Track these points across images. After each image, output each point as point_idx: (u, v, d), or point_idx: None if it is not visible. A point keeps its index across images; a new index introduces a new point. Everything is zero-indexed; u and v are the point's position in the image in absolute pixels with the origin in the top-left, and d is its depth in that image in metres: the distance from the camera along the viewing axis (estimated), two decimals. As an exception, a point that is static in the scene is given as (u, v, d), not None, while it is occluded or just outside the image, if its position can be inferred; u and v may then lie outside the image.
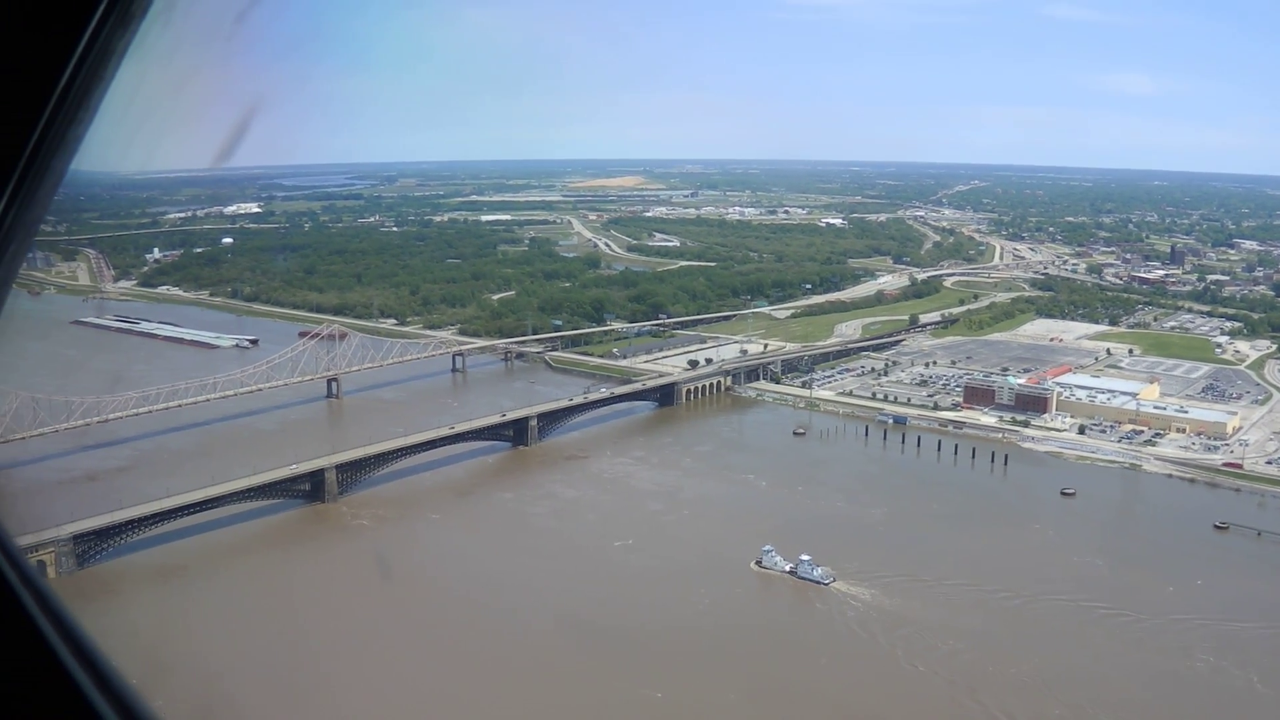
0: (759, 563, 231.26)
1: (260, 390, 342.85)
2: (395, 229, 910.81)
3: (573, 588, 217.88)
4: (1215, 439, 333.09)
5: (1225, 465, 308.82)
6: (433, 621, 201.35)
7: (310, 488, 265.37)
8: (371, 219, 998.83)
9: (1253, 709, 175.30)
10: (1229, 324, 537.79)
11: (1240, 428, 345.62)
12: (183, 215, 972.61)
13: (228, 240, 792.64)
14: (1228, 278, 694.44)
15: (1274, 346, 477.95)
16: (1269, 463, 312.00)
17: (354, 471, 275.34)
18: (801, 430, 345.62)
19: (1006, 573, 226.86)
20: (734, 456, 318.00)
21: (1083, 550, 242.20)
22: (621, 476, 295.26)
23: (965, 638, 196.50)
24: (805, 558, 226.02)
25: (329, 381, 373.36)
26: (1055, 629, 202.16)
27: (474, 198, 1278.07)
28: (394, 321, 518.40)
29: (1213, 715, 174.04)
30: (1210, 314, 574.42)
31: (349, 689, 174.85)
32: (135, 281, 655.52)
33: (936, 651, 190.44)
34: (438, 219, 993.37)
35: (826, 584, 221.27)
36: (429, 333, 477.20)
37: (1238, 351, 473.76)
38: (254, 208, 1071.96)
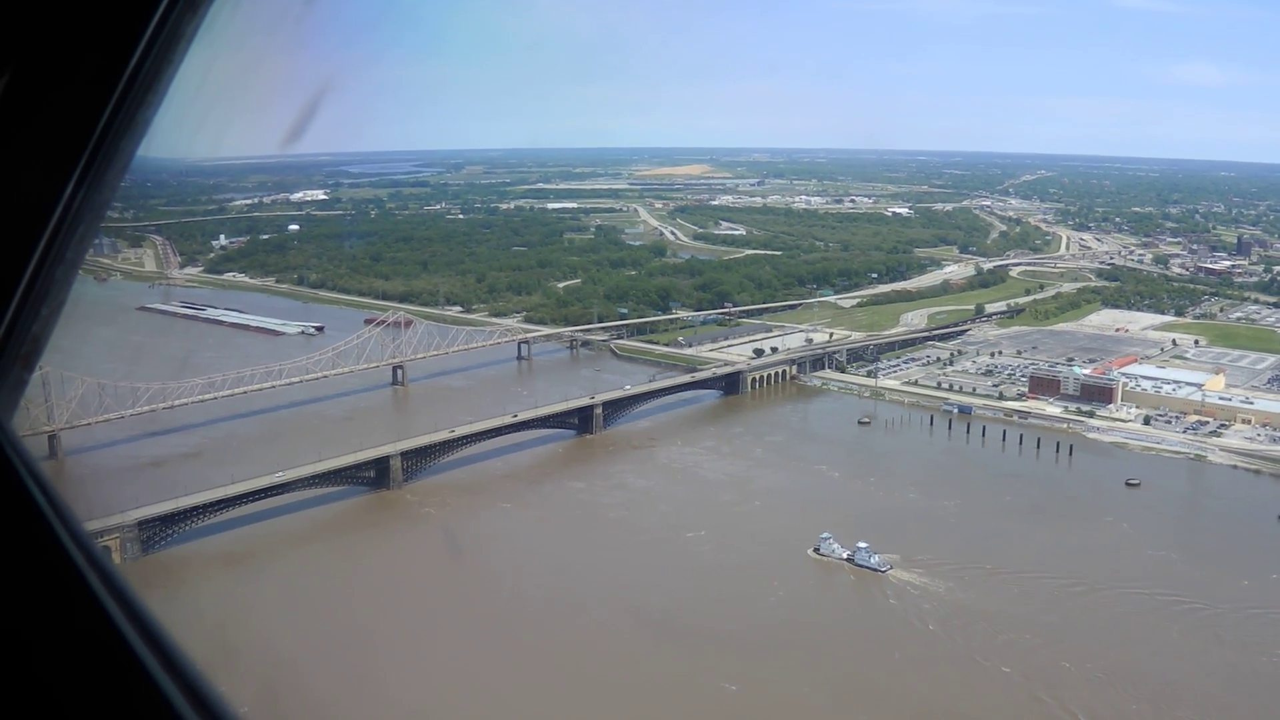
0: (817, 550, 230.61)
1: (326, 377, 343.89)
2: (461, 216, 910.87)
3: (645, 579, 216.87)
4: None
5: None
6: (503, 612, 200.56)
7: (375, 475, 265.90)
8: (438, 206, 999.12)
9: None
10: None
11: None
12: (249, 202, 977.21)
13: (294, 227, 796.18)
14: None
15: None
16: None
17: (419, 459, 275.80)
18: (867, 420, 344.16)
19: (1080, 565, 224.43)
20: (804, 447, 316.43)
21: (1155, 543, 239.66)
22: (691, 466, 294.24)
23: (1041, 632, 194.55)
24: (863, 545, 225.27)
25: (394, 369, 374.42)
26: (1131, 623, 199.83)
27: (540, 185, 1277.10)
28: (459, 309, 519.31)
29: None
30: (1277, 305, 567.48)
31: (415, 678, 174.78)
32: (201, 268, 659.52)
33: (1012, 646, 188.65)
34: (504, 207, 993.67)
35: (884, 571, 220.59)
36: (494, 320, 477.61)
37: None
38: (320, 194, 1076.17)
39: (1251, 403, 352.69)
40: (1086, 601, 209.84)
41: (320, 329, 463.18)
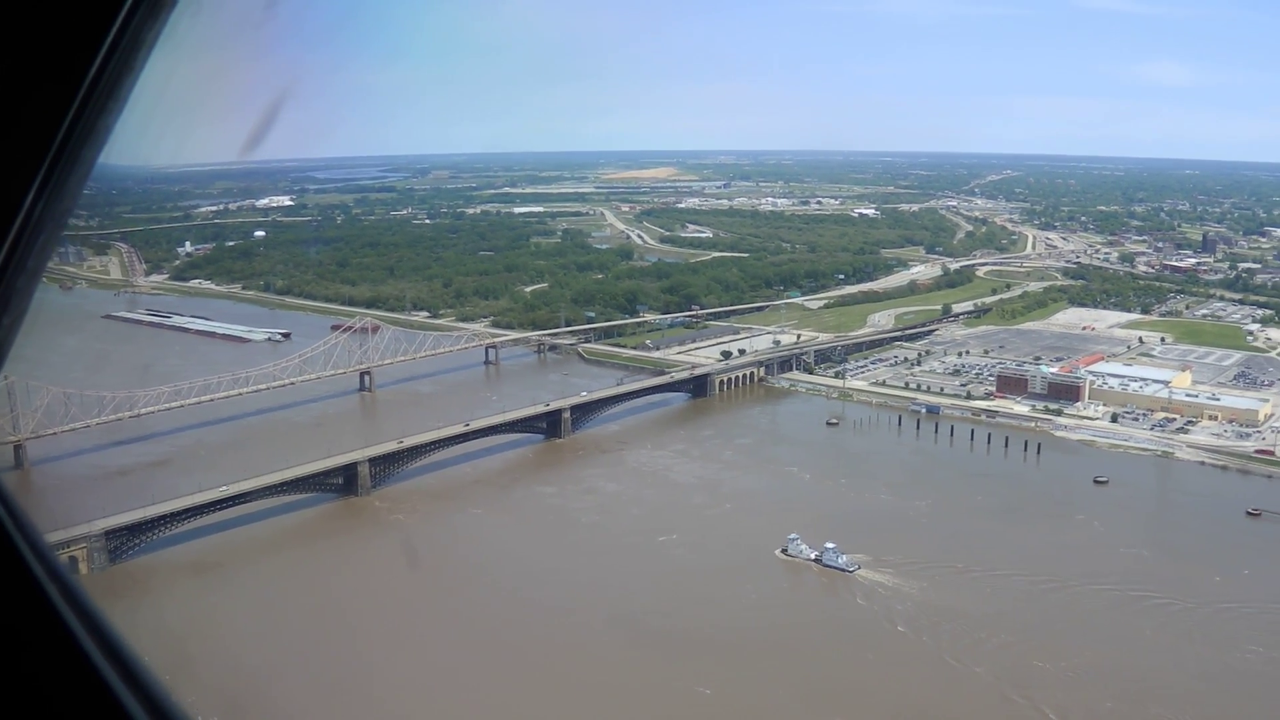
0: (784, 551, 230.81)
1: (293, 384, 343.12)
2: (428, 221, 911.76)
3: (618, 583, 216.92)
4: (1247, 426, 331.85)
5: (1257, 452, 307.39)
6: (476, 618, 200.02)
7: (343, 482, 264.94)
8: (404, 211, 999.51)
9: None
10: (1260, 312, 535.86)
11: (1272, 415, 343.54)
12: (215, 208, 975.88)
13: (260, 233, 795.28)
14: (1259, 265, 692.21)
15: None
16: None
17: (387, 465, 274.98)
18: (835, 420, 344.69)
19: (1051, 563, 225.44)
20: (774, 449, 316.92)
21: (1125, 540, 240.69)
22: (661, 469, 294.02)
23: (1013, 630, 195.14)
24: (830, 545, 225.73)
25: (361, 375, 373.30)
26: (1104, 621, 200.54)
27: (507, 190, 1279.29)
28: (426, 314, 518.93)
29: (1267, 708, 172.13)
30: (1242, 302, 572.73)
31: (388, 688, 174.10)
32: (167, 275, 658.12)
33: (985, 645, 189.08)
34: (470, 211, 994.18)
35: (851, 571, 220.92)
36: (462, 325, 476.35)
37: (1269, 339, 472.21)
38: (286, 200, 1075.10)
39: (1218, 399, 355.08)
40: (1058, 599, 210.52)
41: (287, 335, 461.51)
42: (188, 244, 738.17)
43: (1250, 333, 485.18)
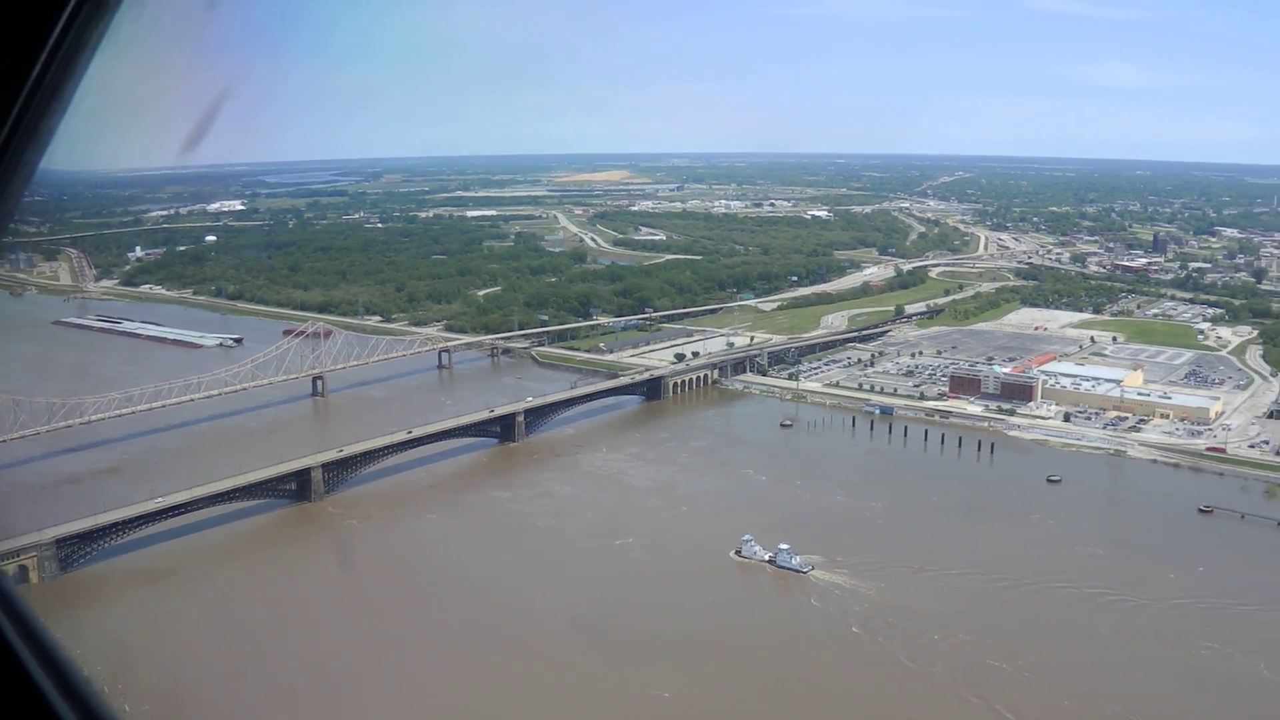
0: (738, 552, 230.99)
1: (245, 389, 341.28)
2: (380, 225, 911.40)
3: (576, 586, 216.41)
4: (1198, 424, 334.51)
5: (1208, 450, 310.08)
6: (434, 624, 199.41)
7: (296, 487, 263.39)
8: (356, 216, 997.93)
9: (1262, 697, 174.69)
10: (1211, 311, 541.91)
11: (1223, 413, 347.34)
12: (165, 213, 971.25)
13: (211, 238, 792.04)
14: (1209, 265, 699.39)
15: (1255, 332, 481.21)
16: (1251, 446, 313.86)
17: (341, 470, 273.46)
18: (789, 422, 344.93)
19: (1007, 563, 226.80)
20: (729, 451, 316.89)
21: (1080, 538, 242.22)
22: (617, 473, 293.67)
23: (970, 630, 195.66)
24: (784, 546, 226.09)
25: (314, 380, 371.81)
26: (1060, 619, 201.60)
27: (459, 193, 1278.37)
28: (379, 319, 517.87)
29: (1223, 704, 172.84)
30: (1192, 301, 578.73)
31: (344, 694, 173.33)
32: (117, 280, 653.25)
33: (941, 646, 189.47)
34: (423, 215, 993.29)
35: (805, 572, 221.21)
36: (415, 329, 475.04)
37: (1219, 338, 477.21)
38: (238, 205, 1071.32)
39: (1169, 398, 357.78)
40: (1014, 598, 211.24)
41: (239, 341, 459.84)
42: (138, 249, 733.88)
43: (1201, 332, 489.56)
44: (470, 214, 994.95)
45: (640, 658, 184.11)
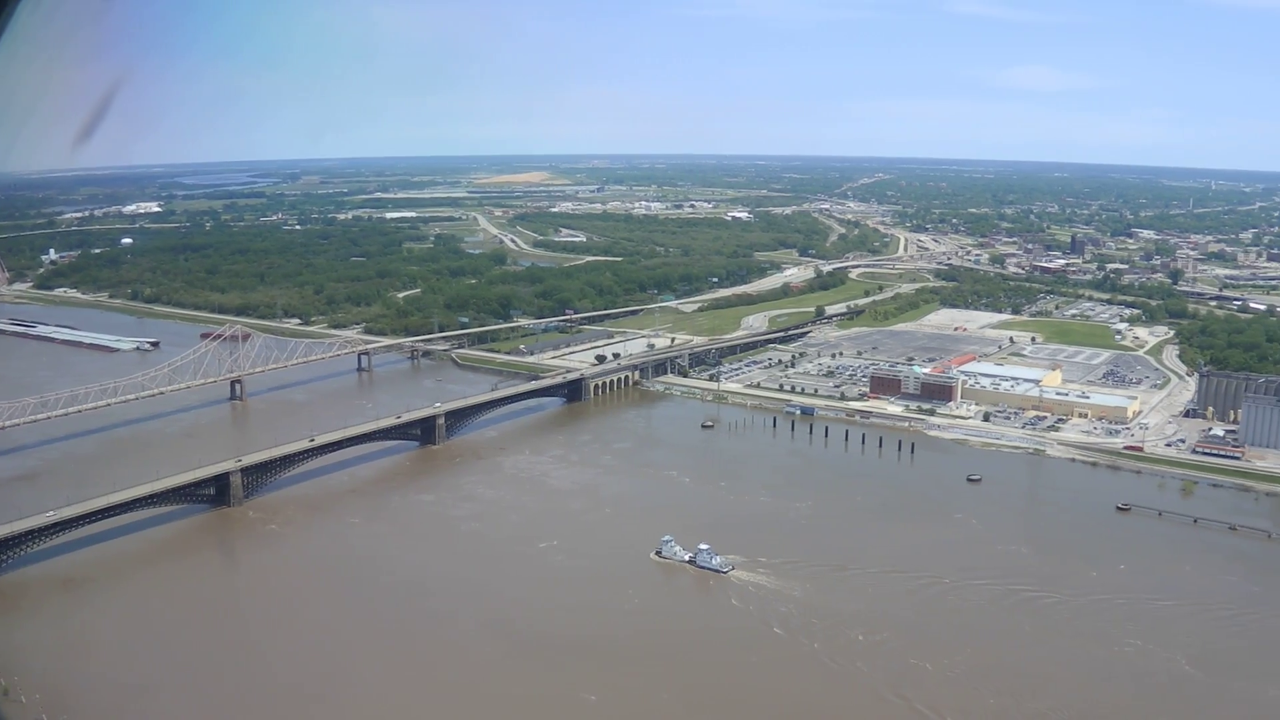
0: (658, 553, 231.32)
1: (162, 394, 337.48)
2: (299, 227, 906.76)
3: (501, 590, 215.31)
4: (1116, 423, 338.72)
5: (1126, 448, 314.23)
6: (356, 629, 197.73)
7: (215, 492, 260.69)
8: (274, 217, 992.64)
9: (1184, 692, 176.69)
10: (1128, 311, 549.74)
11: (1140, 412, 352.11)
12: (80, 215, 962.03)
13: (127, 240, 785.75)
14: (1126, 266, 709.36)
15: (1171, 332, 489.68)
16: (1167, 445, 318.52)
17: (260, 474, 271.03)
18: (711, 423, 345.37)
19: (931, 561, 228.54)
20: (652, 452, 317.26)
21: (1003, 537, 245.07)
22: (539, 475, 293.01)
23: (894, 629, 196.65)
24: (704, 547, 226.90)
25: (232, 384, 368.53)
26: (984, 617, 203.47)
27: (378, 195, 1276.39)
28: (298, 321, 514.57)
29: (1146, 701, 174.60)
30: (1110, 302, 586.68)
31: (263, 699, 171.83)
32: (31, 284, 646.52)
33: (864, 645, 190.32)
34: (342, 217, 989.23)
35: (725, 572, 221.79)
36: (334, 332, 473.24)
37: (1137, 338, 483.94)
38: (154, 207, 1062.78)
39: (1087, 397, 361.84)
40: (937, 596, 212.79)
41: (155, 344, 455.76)
42: (52, 251, 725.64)
43: (1119, 332, 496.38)
44: (390, 216, 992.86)
45: (565, 661, 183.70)
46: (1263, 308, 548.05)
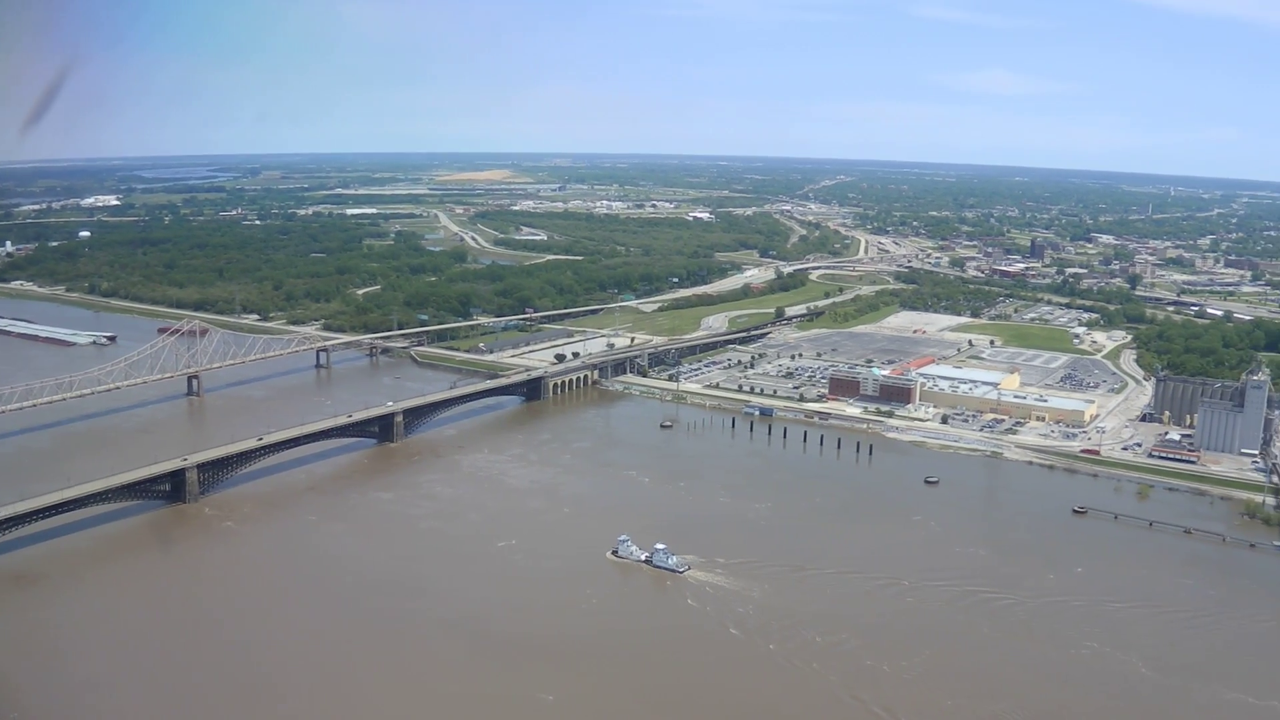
0: (614, 552, 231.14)
1: (119, 388, 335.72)
2: (258, 222, 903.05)
3: (460, 590, 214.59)
4: (1073, 427, 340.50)
5: (1083, 452, 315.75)
6: (313, 629, 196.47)
7: (171, 488, 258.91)
8: (234, 212, 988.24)
9: (1140, 695, 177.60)
10: (1086, 315, 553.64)
11: (1097, 415, 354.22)
12: (37, 207, 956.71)
13: (85, 233, 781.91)
14: (1085, 271, 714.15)
15: (1129, 337, 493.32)
16: (1124, 449, 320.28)
17: (217, 471, 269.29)
18: (670, 423, 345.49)
19: (889, 563, 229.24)
20: (612, 452, 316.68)
21: (961, 539, 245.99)
22: (499, 474, 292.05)
23: (852, 630, 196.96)
24: (660, 546, 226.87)
25: (190, 379, 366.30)
26: (942, 619, 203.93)
27: (339, 191, 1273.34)
28: (257, 317, 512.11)
29: (1102, 702, 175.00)
30: (1069, 306, 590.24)
31: (219, 699, 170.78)
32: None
33: (818, 645, 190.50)
34: (302, 212, 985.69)
35: (681, 572, 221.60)
36: (293, 328, 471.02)
37: (1095, 342, 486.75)
38: (113, 200, 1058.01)
39: (1045, 400, 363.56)
40: (894, 597, 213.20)
41: (112, 339, 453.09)
42: (8, 244, 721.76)
43: (1077, 336, 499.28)
44: (350, 212, 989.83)
45: (523, 660, 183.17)
46: (1220, 313, 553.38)
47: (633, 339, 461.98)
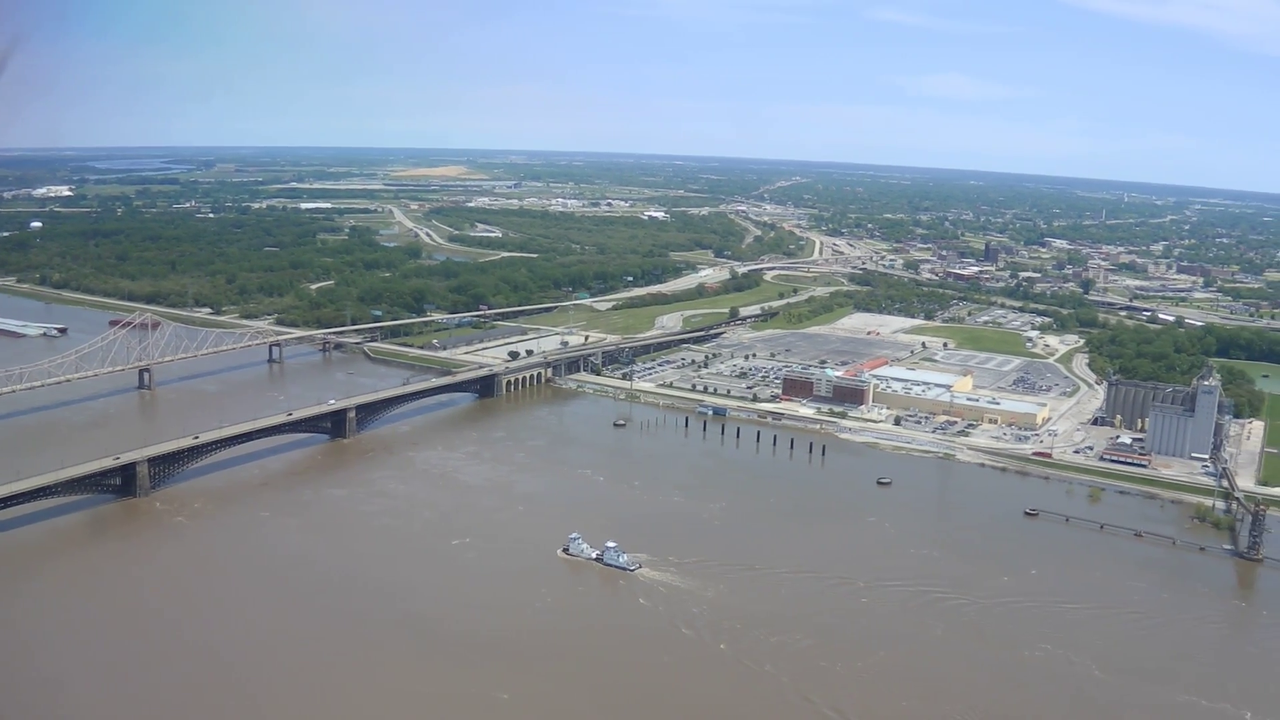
0: (565, 550, 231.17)
1: (69, 381, 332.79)
2: (212, 215, 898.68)
3: (414, 587, 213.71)
4: (1026, 429, 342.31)
5: (1035, 454, 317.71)
6: (266, 627, 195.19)
7: (121, 482, 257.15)
8: (187, 205, 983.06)
9: (1093, 697, 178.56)
10: (1039, 319, 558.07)
11: (1049, 419, 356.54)
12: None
13: (36, 224, 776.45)
14: (1039, 275, 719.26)
15: (1081, 341, 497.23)
16: (1076, 452, 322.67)
17: (168, 465, 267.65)
18: (623, 422, 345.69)
19: (842, 563, 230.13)
20: (565, 450, 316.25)
21: (914, 540, 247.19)
22: (452, 471, 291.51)
23: (806, 631, 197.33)
24: (611, 545, 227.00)
25: (141, 372, 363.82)
26: (896, 620, 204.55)
27: (294, 185, 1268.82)
28: (209, 311, 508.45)
29: (1055, 704, 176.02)
30: (1022, 309, 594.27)
31: (170, 697, 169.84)
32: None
33: (770, 645, 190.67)
34: (256, 206, 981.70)
35: (632, 570, 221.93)
36: (245, 322, 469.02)
37: (1047, 345, 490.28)
38: (65, 190, 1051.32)
39: (998, 403, 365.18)
40: (848, 598, 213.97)
41: (63, 331, 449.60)
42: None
43: (1030, 339, 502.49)
44: (304, 206, 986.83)
45: (477, 659, 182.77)
46: (1171, 318, 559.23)
47: (587, 337, 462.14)
